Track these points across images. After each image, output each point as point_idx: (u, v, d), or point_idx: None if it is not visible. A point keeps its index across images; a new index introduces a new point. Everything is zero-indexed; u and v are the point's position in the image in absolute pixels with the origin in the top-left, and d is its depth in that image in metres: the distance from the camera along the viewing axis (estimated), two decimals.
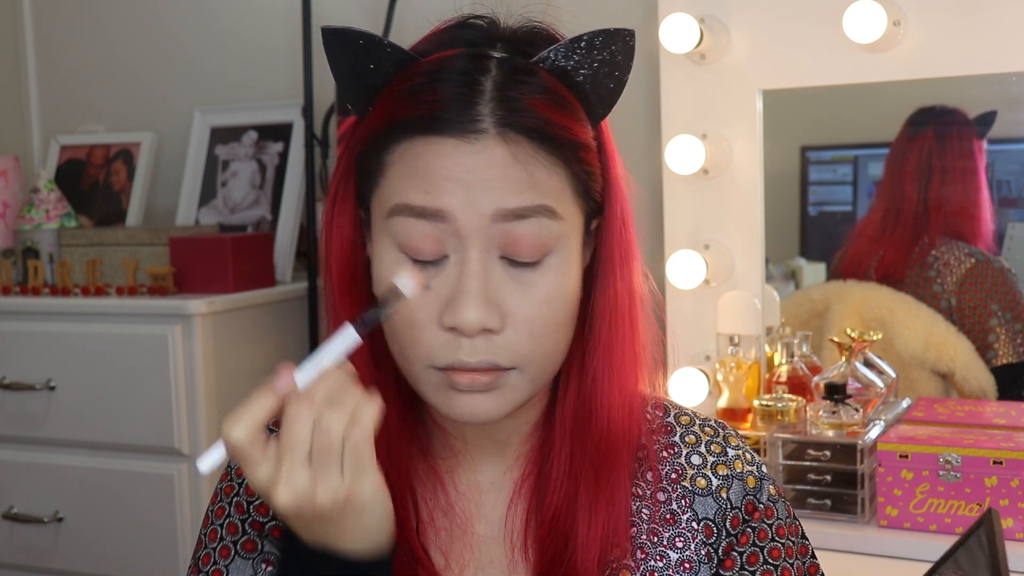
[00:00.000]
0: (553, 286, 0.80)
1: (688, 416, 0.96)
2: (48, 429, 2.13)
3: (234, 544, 0.90)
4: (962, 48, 1.65)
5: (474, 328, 0.77)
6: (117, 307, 2.07)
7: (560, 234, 0.80)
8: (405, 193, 0.78)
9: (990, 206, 1.88)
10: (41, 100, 2.74)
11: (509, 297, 0.79)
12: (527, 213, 0.78)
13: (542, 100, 0.79)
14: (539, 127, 0.78)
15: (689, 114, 1.83)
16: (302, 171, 2.30)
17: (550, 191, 0.79)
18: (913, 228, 1.90)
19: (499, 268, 0.79)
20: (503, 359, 0.79)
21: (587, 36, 0.81)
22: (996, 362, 1.84)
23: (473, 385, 0.80)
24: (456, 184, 0.77)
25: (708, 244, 1.82)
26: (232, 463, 0.93)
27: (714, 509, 0.90)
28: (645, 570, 0.88)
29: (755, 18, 1.78)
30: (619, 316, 0.86)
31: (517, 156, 0.77)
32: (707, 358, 1.83)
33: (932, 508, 1.50)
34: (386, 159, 0.80)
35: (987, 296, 1.85)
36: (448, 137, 0.77)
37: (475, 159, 0.77)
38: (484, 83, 0.78)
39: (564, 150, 0.79)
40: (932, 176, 1.88)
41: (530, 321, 0.80)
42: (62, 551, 2.15)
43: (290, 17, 2.38)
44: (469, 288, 0.77)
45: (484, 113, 0.77)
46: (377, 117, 0.81)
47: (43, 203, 2.32)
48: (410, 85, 0.79)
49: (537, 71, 0.80)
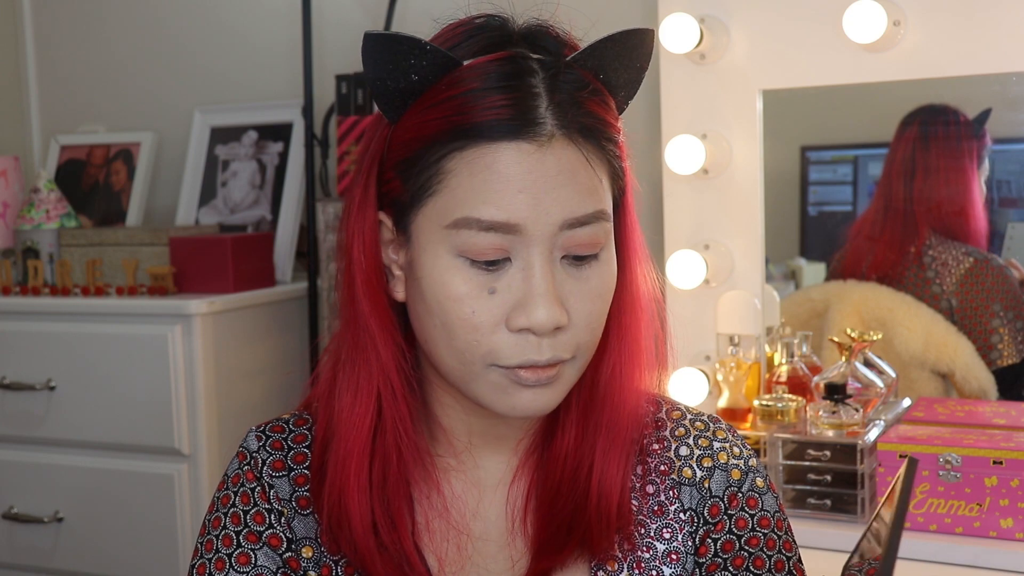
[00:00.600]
0: (605, 278, 0.84)
1: (680, 411, 0.97)
2: (48, 429, 2.13)
3: (229, 557, 0.90)
4: (962, 48, 1.65)
5: (548, 328, 0.80)
6: (117, 307, 2.07)
7: (608, 232, 0.84)
8: (474, 206, 0.79)
9: (982, 204, 1.87)
10: (41, 100, 2.74)
11: (570, 294, 0.82)
12: (589, 220, 0.81)
13: (592, 98, 0.81)
14: (593, 125, 0.81)
15: (689, 114, 1.83)
16: (302, 171, 2.30)
17: (602, 192, 0.82)
18: (902, 226, 1.90)
19: (560, 267, 0.81)
20: (566, 353, 0.82)
21: (615, 35, 0.83)
22: (1001, 362, 1.83)
23: (539, 380, 0.82)
24: (528, 196, 0.78)
25: (708, 244, 1.82)
26: (229, 471, 0.93)
27: (696, 499, 0.92)
28: (632, 561, 0.89)
29: (755, 18, 1.78)
30: (626, 309, 0.89)
31: (582, 155, 0.80)
32: (707, 358, 1.83)
33: (932, 508, 1.50)
34: (446, 166, 0.80)
35: (988, 296, 1.85)
36: (520, 141, 0.78)
37: (544, 163, 0.78)
38: (537, 85, 0.80)
39: (609, 145, 0.83)
40: (916, 173, 1.88)
41: (589, 315, 0.83)
42: (62, 551, 2.15)
43: (290, 17, 2.38)
44: (540, 290, 0.79)
45: (546, 116, 0.79)
46: (425, 123, 0.81)
47: (43, 203, 2.32)
48: (465, 91, 0.79)
49: (578, 70, 0.82)
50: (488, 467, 0.91)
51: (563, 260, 0.81)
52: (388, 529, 0.86)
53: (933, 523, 1.50)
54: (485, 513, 0.91)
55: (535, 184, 0.78)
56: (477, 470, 0.91)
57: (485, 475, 0.91)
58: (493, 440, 0.90)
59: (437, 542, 0.89)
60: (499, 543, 0.90)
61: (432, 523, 0.89)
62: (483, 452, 0.91)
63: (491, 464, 0.91)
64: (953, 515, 1.49)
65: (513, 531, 0.90)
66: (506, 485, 0.91)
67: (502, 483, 0.91)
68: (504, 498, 0.91)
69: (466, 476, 0.91)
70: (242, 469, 0.92)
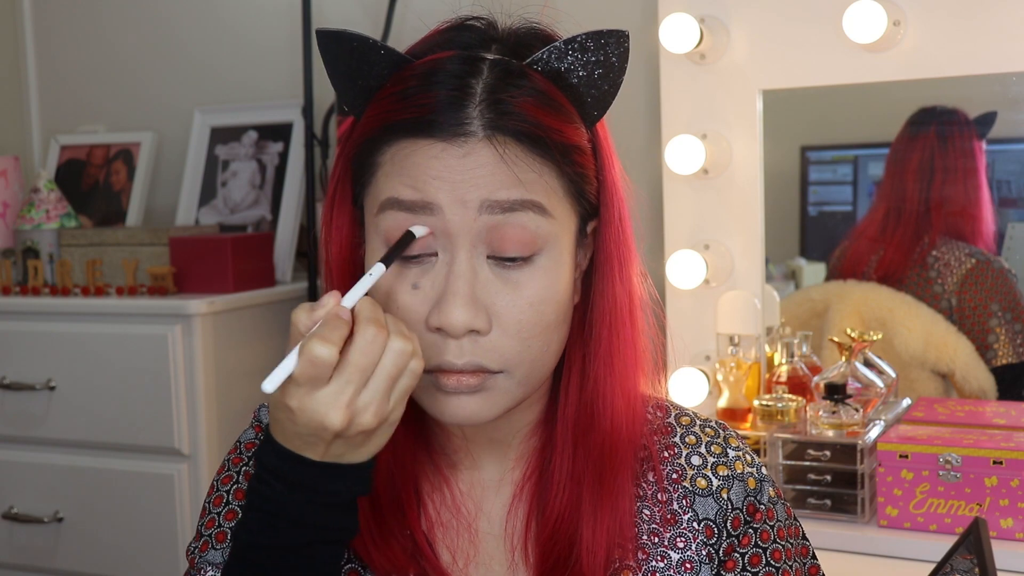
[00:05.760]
0: (542, 287, 0.80)
1: (688, 417, 0.96)
2: (48, 429, 2.13)
3: (240, 509, 0.89)
4: (962, 48, 1.65)
5: (460, 329, 0.77)
6: (117, 307, 2.07)
7: (550, 233, 0.80)
8: (394, 188, 0.79)
9: (991, 206, 1.88)
10: (41, 100, 2.74)
11: (497, 298, 0.79)
12: (515, 207, 0.78)
13: (533, 103, 0.79)
14: (528, 130, 0.78)
15: (689, 114, 1.83)
16: (302, 171, 2.30)
17: (539, 190, 0.79)
18: (915, 228, 1.90)
19: (487, 268, 0.79)
20: (490, 361, 0.79)
21: (580, 37, 0.80)
22: (996, 362, 1.84)
23: (459, 387, 0.79)
24: (443, 182, 0.77)
25: (708, 244, 1.82)
26: (242, 439, 0.95)
27: (715, 510, 0.90)
28: (647, 571, 0.88)
29: (755, 18, 1.78)
30: (619, 319, 0.86)
31: (505, 158, 0.77)
32: (707, 358, 1.83)
33: (932, 508, 1.50)
34: (378, 160, 0.81)
35: (987, 296, 1.85)
36: (437, 140, 0.77)
37: (463, 161, 0.77)
38: (475, 86, 0.78)
39: (555, 152, 0.79)
40: (934, 176, 1.88)
41: (518, 323, 0.79)
42: (62, 551, 2.15)
43: (290, 17, 2.38)
44: (456, 288, 0.77)
45: (473, 116, 0.77)
46: (370, 120, 0.81)
47: (43, 203, 2.32)
48: (403, 88, 0.79)
49: (530, 73, 0.80)
50: (488, 469, 0.91)
51: (491, 260, 0.79)
52: (396, 516, 0.86)
53: (933, 523, 1.50)
54: (489, 513, 0.90)
55: (453, 176, 0.77)
56: (479, 471, 0.91)
57: (485, 476, 0.91)
58: (486, 443, 0.90)
59: (449, 536, 0.89)
60: (503, 547, 0.90)
61: (443, 517, 0.89)
62: (481, 454, 0.90)
63: (491, 467, 0.91)
64: (953, 515, 1.49)
65: (514, 562, 0.89)
66: (507, 495, 0.90)
67: (504, 492, 0.90)
68: (503, 511, 0.90)
69: (470, 475, 0.90)
70: (258, 439, 0.94)
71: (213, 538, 0.90)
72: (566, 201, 0.81)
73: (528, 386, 0.83)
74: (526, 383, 0.82)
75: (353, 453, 0.75)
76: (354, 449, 0.75)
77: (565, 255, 0.82)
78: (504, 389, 0.81)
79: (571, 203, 0.82)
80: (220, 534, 0.90)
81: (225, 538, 0.90)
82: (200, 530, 0.92)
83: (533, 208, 0.78)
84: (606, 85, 0.82)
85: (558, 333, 0.83)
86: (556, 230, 0.80)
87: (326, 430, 0.72)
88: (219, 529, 0.91)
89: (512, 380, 0.81)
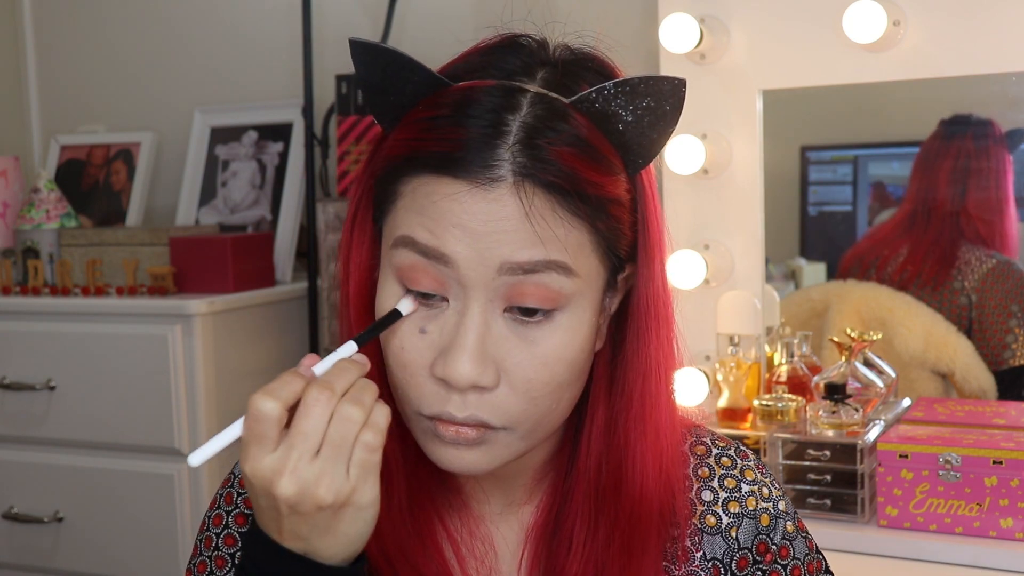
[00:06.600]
0: (559, 346, 0.74)
1: (704, 446, 0.90)
2: (48, 429, 2.13)
3: (231, 557, 0.88)
4: (962, 48, 1.65)
5: (464, 384, 0.73)
6: (117, 307, 2.07)
7: (573, 291, 0.74)
8: (410, 227, 0.73)
9: (1016, 215, 1.88)
10: (41, 100, 2.74)
11: (508, 354, 0.74)
12: (537, 268, 0.72)
13: (571, 152, 0.72)
14: (561, 182, 0.71)
15: (689, 114, 1.80)
16: (302, 171, 2.30)
17: (566, 247, 0.73)
18: (942, 231, 1.90)
19: (502, 322, 0.74)
20: (493, 418, 0.74)
21: (634, 80, 0.74)
22: (1013, 362, 1.84)
23: (458, 439, 0.75)
24: (463, 232, 0.71)
25: (708, 244, 1.82)
26: (236, 471, 0.90)
27: (723, 549, 0.87)
28: None
29: (755, 18, 1.78)
30: (653, 381, 0.80)
31: (532, 211, 0.71)
32: (707, 358, 1.83)
33: (932, 508, 1.50)
34: (399, 189, 0.75)
35: (1007, 297, 1.86)
36: (462, 181, 0.71)
37: (486, 208, 0.71)
38: (511, 123, 0.72)
39: (589, 206, 0.73)
40: (968, 183, 1.88)
41: (528, 381, 0.74)
42: (62, 551, 2.15)
43: (290, 17, 2.37)
44: (465, 342, 0.72)
45: (504, 158, 0.71)
46: (397, 143, 0.76)
47: (43, 203, 2.32)
48: (433, 115, 0.73)
49: (573, 114, 0.73)
50: (495, 502, 0.86)
51: (507, 312, 0.73)
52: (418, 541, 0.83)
53: (933, 523, 1.50)
54: (499, 547, 0.86)
55: (474, 225, 0.71)
56: (488, 504, 0.87)
57: (493, 510, 0.86)
58: (491, 478, 0.84)
59: (474, 565, 0.85)
60: None
61: (465, 542, 0.85)
62: (488, 486, 0.86)
63: (497, 499, 0.86)
64: (953, 515, 1.49)
65: None
66: (516, 537, 0.86)
67: (512, 530, 0.86)
68: (515, 555, 0.85)
69: (480, 507, 0.87)
70: None
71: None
72: (595, 257, 0.75)
73: (532, 440, 0.78)
74: (530, 437, 0.77)
75: (320, 538, 0.69)
76: (319, 533, 0.69)
77: (587, 312, 0.76)
78: (505, 443, 0.76)
79: (600, 258, 0.76)
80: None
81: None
82: (193, 571, 0.89)
83: (557, 269, 0.72)
84: (655, 134, 0.77)
85: (570, 391, 0.78)
86: (580, 288, 0.75)
87: (276, 499, 0.68)
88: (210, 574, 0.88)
89: (514, 436, 0.76)
